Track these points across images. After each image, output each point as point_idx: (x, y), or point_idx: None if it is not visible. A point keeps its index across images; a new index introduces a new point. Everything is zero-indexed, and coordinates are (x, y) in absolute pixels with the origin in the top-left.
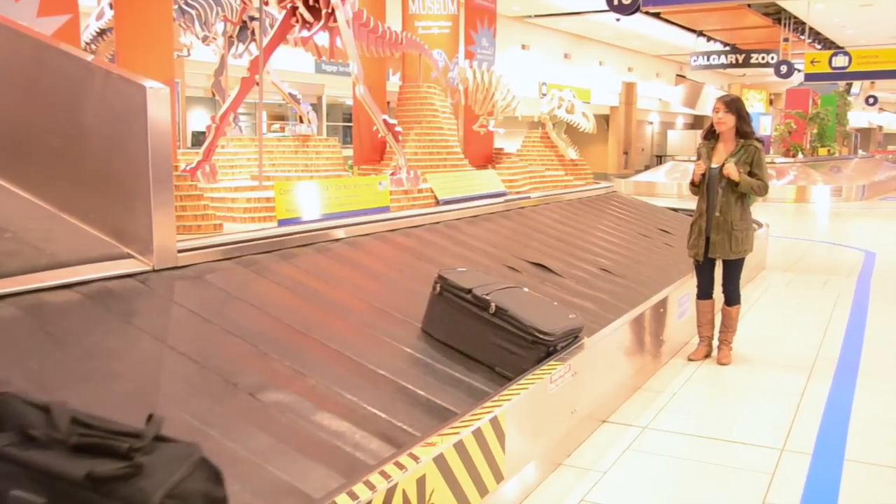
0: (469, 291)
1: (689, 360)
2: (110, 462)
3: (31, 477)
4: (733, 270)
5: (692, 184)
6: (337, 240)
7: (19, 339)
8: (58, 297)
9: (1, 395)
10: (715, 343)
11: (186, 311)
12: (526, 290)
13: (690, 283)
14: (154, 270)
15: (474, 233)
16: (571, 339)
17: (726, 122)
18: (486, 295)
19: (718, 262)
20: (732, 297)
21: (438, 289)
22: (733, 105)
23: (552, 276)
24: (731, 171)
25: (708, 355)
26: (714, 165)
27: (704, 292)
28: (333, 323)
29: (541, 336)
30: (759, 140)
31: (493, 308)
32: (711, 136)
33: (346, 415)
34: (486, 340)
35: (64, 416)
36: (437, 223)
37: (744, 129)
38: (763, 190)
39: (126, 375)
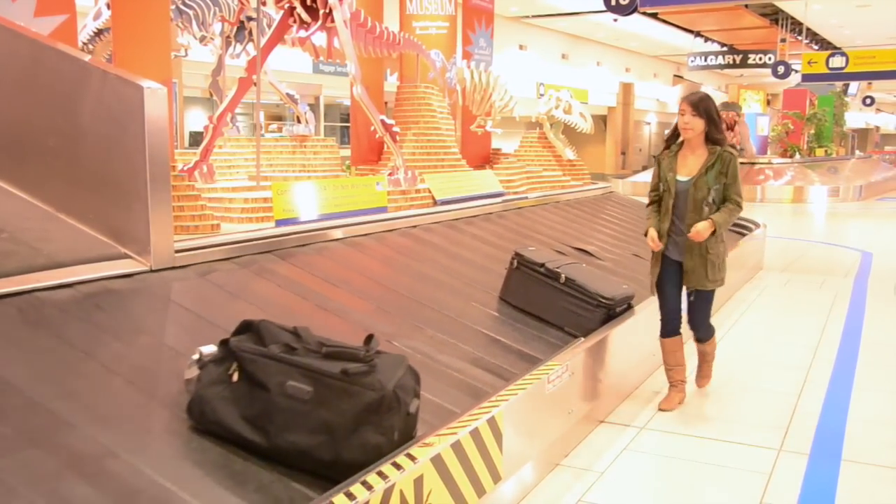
0: (542, 265)
1: (661, 409)
2: (354, 364)
3: (300, 373)
4: (706, 302)
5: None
6: (335, 240)
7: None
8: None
9: (261, 321)
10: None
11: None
12: (584, 265)
13: None
14: (151, 271)
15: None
16: (626, 304)
17: (694, 127)
18: (557, 268)
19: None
20: (706, 333)
21: (515, 264)
22: (702, 106)
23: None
24: (701, 233)
25: (682, 401)
26: (682, 178)
27: (671, 327)
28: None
29: (604, 301)
30: (732, 146)
31: (563, 278)
32: (674, 141)
33: None
34: (557, 305)
35: (310, 336)
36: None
37: (714, 135)
38: (738, 215)
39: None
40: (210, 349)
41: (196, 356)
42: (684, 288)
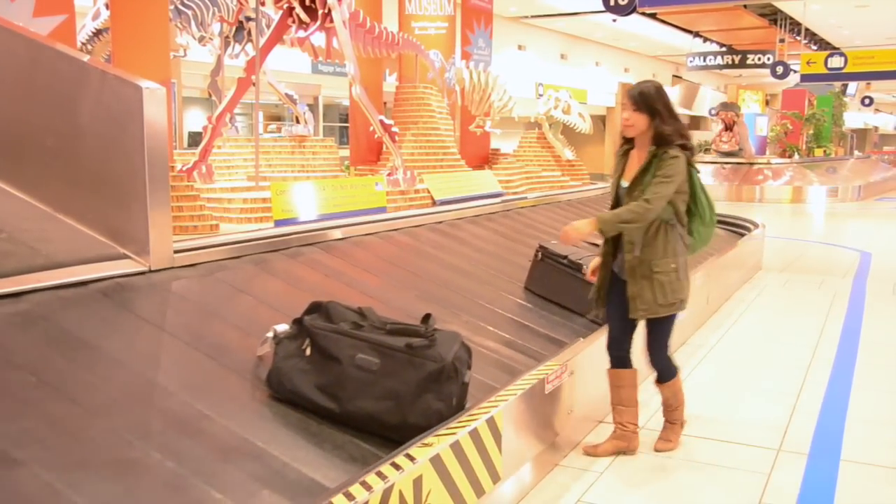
0: (565, 257)
1: (585, 453)
2: (416, 338)
3: (369, 347)
4: (662, 332)
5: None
6: (334, 240)
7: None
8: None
9: (329, 302)
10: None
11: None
12: None
13: None
14: (150, 271)
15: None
16: None
17: (636, 124)
18: (579, 259)
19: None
20: (663, 372)
21: (540, 256)
22: (643, 100)
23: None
24: (568, 232)
25: (628, 451)
26: (624, 183)
27: (617, 355)
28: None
29: None
30: (684, 146)
31: (584, 269)
32: (629, 141)
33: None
34: (580, 294)
35: (374, 315)
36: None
37: (661, 130)
38: (633, 219)
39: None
40: (283, 328)
41: (271, 334)
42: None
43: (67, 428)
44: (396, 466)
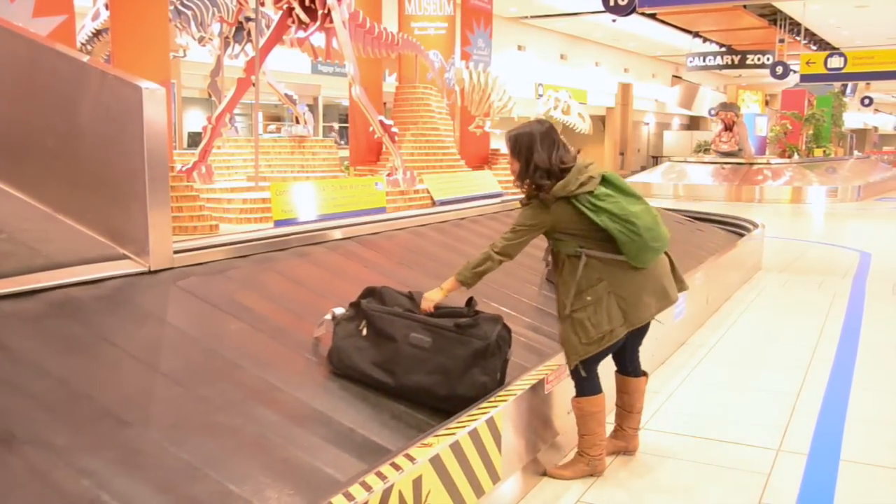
0: None
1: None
2: (463, 319)
3: (421, 327)
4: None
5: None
6: (333, 240)
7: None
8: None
9: (382, 287)
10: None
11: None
12: None
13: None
14: (150, 271)
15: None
16: None
17: (513, 169)
18: None
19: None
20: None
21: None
22: (514, 142)
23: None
24: (426, 303)
25: (626, 452)
26: None
27: (620, 366)
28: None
29: None
30: (537, 195)
31: None
32: None
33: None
34: None
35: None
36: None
37: (528, 174)
38: (484, 260)
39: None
40: (340, 310)
41: (329, 316)
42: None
43: (163, 397)
44: (396, 467)
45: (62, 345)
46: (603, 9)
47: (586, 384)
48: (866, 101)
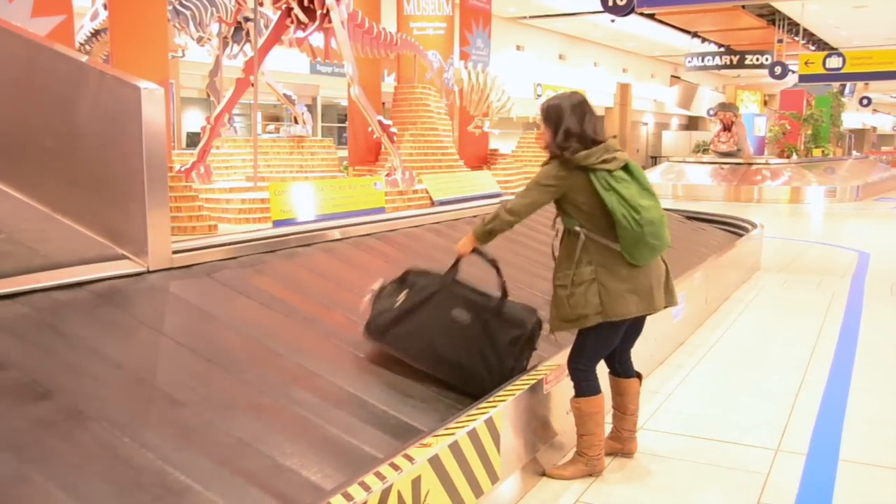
0: None
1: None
2: (504, 303)
3: (464, 304)
4: (578, 343)
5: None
6: (332, 240)
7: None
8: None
9: (425, 269)
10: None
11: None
12: None
13: (686, 284)
14: (149, 271)
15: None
16: None
17: (541, 138)
18: None
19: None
20: (575, 386)
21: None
22: (545, 111)
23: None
24: (462, 246)
25: (625, 454)
26: None
27: (610, 366)
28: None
29: None
30: (560, 154)
31: None
32: None
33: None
34: None
35: (464, 282)
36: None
37: (557, 141)
38: (498, 214)
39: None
40: (381, 283)
41: (375, 286)
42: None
43: (210, 381)
44: (395, 467)
45: (111, 332)
46: (601, 9)
47: (585, 385)
48: (865, 102)
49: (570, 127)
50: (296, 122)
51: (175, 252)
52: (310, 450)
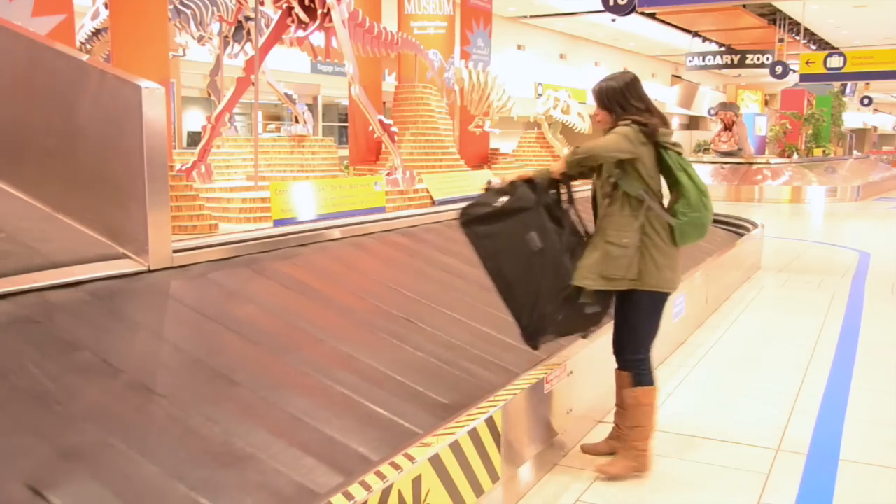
0: None
1: (582, 450)
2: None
3: (539, 230)
4: (633, 317)
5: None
6: (333, 240)
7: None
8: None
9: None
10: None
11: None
12: None
13: (687, 283)
14: (149, 271)
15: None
16: None
17: (603, 120)
18: None
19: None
20: (624, 363)
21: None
22: (599, 98)
23: None
24: (557, 168)
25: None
26: None
27: (618, 356)
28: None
29: None
30: (639, 122)
31: None
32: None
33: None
34: None
35: (576, 227)
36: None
37: (627, 116)
38: (591, 147)
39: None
40: (497, 181)
41: (490, 181)
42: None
43: (259, 363)
44: (395, 466)
45: (169, 319)
46: (602, 8)
47: (645, 374)
48: (866, 101)
49: (635, 101)
50: (296, 121)
51: (176, 251)
52: (356, 424)
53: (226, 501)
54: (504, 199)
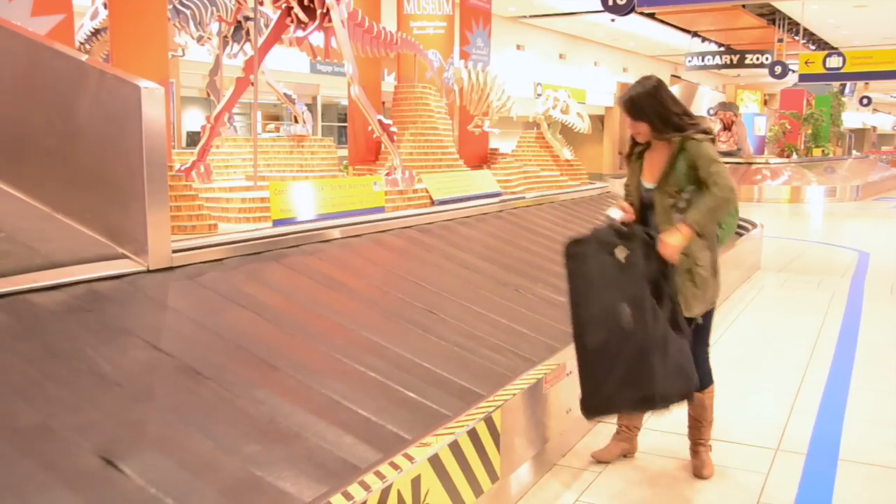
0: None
1: (594, 459)
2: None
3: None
4: (701, 332)
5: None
6: (332, 240)
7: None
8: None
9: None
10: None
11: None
12: None
13: None
14: (149, 271)
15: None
16: None
17: (642, 132)
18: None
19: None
20: (703, 377)
21: None
22: (636, 109)
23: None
24: (673, 245)
25: (628, 453)
26: (648, 184)
27: None
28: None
29: None
30: (698, 128)
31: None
32: (638, 143)
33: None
34: None
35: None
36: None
37: (671, 121)
38: (721, 205)
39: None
40: (617, 214)
41: (611, 214)
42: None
43: (295, 350)
44: (395, 466)
45: (203, 308)
46: (602, 8)
47: (710, 373)
48: (865, 101)
49: (676, 109)
50: (296, 121)
51: (175, 251)
52: (390, 406)
53: (278, 473)
54: (618, 248)
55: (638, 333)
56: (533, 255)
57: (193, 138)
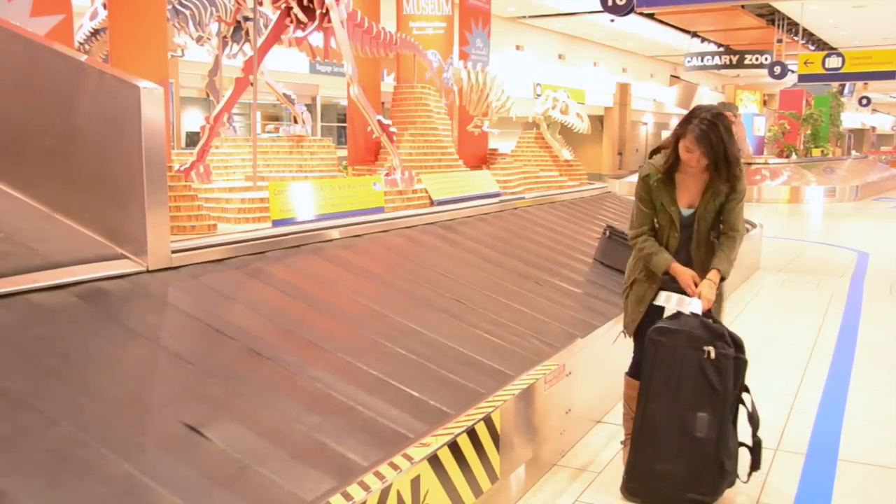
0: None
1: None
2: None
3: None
4: None
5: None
6: (331, 240)
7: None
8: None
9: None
10: None
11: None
12: None
13: None
14: (148, 271)
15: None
16: None
17: (701, 163)
18: None
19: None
20: None
21: (608, 234)
22: (713, 150)
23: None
24: (710, 297)
25: None
26: (686, 210)
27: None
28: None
29: None
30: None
31: None
32: (674, 164)
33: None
34: None
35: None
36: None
37: (730, 172)
38: (739, 246)
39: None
40: (698, 307)
41: (672, 302)
42: None
43: (340, 336)
44: (394, 467)
45: (257, 298)
46: (601, 9)
47: None
48: (864, 101)
49: (728, 132)
50: (295, 121)
51: (174, 252)
52: (432, 385)
53: (339, 440)
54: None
55: (709, 444)
56: (544, 251)
57: (193, 139)
